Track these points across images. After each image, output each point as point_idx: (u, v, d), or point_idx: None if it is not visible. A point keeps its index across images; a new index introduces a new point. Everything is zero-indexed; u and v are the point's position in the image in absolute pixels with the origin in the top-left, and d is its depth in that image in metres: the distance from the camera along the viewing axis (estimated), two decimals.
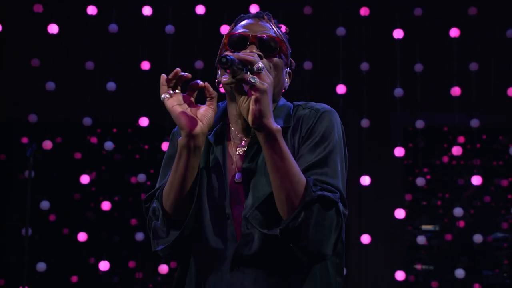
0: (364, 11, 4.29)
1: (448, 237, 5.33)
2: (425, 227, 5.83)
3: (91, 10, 4.25)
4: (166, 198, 1.60)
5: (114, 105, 4.18)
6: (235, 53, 1.47)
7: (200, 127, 1.54)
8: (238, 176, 1.64)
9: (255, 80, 1.42)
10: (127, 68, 4.36)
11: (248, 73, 1.44)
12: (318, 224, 1.48)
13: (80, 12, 4.33)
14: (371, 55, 4.33)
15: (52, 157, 4.68)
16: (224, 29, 4.19)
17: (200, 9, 4.28)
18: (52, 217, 4.65)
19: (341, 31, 4.24)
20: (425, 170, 5.68)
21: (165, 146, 4.19)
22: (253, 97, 1.42)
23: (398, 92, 4.22)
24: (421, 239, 4.22)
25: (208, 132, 1.64)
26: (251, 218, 1.54)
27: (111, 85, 4.15)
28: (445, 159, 5.46)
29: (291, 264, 1.57)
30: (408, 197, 5.39)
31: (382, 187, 4.64)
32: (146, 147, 4.86)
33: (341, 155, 1.62)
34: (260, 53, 1.63)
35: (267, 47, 1.65)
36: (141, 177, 4.21)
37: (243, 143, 1.68)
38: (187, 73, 1.56)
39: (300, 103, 1.73)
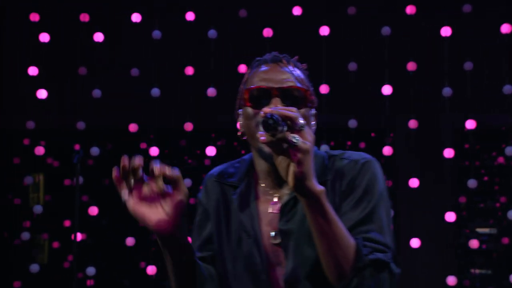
0: (410, 10, 4.18)
1: (505, 240, 5.13)
2: (481, 230, 5.64)
3: (135, 17, 4.30)
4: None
5: (159, 111, 4.22)
6: (273, 108, 1.32)
7: (168, 226, 1.35)
8: (275, 237, 1.52)
9: (297, 140, 1.27)
10: (171, 74, 4.39)
11: (287, 130, 1.28)
12: None
13: (125, 20, 4.39)
14: (418, 54, 4.21)
15: (102, 164, 4.76)
16: (267, 32, 4.17)
17: (242, 13, 4.27)
18: (101, 222, 4.74)
19: (386, 30, 4.14)
20: (482, 171, 5.49)
21: (209, 150, 4.19)
22: (294, 158, 1.28)
23: (447, 91, 4.09)
24: (474, 243, 4.08)
25: (232, 192, 1.58)
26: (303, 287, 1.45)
27: (155, 91, 4.18)
28: (502, 160, 5.27)
29: None
30: (463, 199, 5.22)
31: (432, 189, 4.51)
32: (198, 151, 4.89)
33: (387, 208, 1.51)
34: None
35: (292, 99, 1.51)
36: (187, 182, 4.23)
37: (275, 199, 1.56)
38: (137, 161, 1.31)
39: (336, 152, 1.59)
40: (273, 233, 1.52)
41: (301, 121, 1.30)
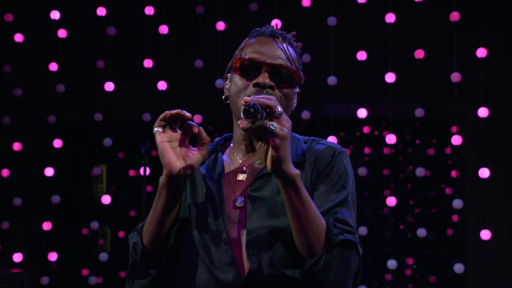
0: None
1: None
2: None
3: (199, 9, 4.33)
4: (145, 234, 1.61)
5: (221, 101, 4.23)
6: (253, 97, 1.42)
7: (182, 170, 1.51)
8: (240, 201, 1.62)
9: (275, 128, 1.38)
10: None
11: (265, 118, 1.39)
12: (340, 266, 1.48)
13: (189, 12, 4.43)
14: (488, 40, 4.08)
15: None
16: (331, 21, 4.12)
17: (306, 2, 4.23)
18: None
19: (454, 16, 4.02)
20: None
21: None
22: (272, 144, 1.38)
23: None
24: None
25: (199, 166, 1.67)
26: (274, 257, 1.51)
27: (219, 82, 4.20)
28: None
29: None
30: None
31: (503, 179, 4.38)
32: None
33: (354, 197, 1.64)
34: (272, 83, 1.60)
35: (280, 77, 1.61)
36: None
37: (244, 168, 1.67)
38: (188, 113, 1.53)
39: (312, 138, 1.72)
40: (236, 197, 1.62)
41: (279, 109, 1.40)
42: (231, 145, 1.75)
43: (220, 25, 4.24)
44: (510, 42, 4.11)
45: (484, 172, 4.04)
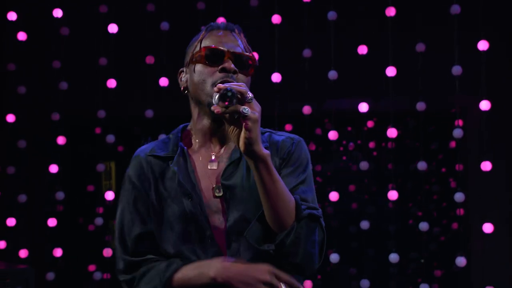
0: None
1: None
2: None
3: (200, 5, 4.34)
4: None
5: None
6: (226, 84, 1.54)
7: None
8: (218, 190, 1.73)
9: (247, 111, 1.50)
10: None
11: (237, 103, 1.50)
12: (308, 238, 1.64)
13: (190, 8, 4.44)
14: (489, 34, 4.06)
15: None
16: (331, 15, 4.11)
17: None
18: None
19: (455, 9, 4.01)
20: None
21: None
22: (245, 126, 1.50)
23: None
24: None
25: (168, 161, 1.77)
26: (248, 236, 1.64)
27: None
28: None
29: None
30: None
31: (505, 173, 4.36)
32: None
33: (312, 181, 1.81)
34: (236, 69, 1.74)
35: (240, 64, 1.76)
36: None
37: (213, 157, 1.78)
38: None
39: (268, 130, 1.86)
40: (215, 186, 1.73)
41: (250, 94, 1.53)
42: (192, 135, 1.84)
43: (221, 21, 4.24)
44: (508, 34, 4.08)
45: (486, 165, 4.03)
